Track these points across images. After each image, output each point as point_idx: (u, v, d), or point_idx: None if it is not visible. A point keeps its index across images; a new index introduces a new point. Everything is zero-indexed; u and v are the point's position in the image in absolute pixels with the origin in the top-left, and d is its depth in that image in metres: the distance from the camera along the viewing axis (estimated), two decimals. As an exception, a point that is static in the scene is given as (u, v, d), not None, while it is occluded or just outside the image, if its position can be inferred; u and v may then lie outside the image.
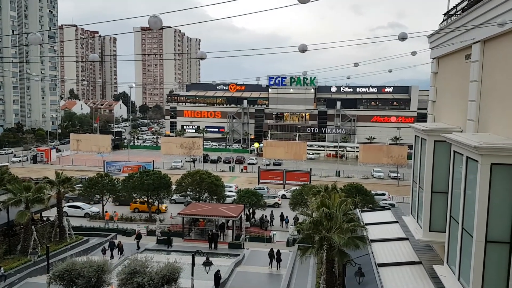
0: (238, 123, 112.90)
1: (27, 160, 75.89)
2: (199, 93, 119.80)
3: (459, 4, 14.19)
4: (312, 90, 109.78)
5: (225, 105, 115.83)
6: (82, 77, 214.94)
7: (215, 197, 40.36)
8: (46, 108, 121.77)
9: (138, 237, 30.83)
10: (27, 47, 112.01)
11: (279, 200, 48.23)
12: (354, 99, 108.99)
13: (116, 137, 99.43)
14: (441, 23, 15.59)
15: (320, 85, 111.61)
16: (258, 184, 55.70)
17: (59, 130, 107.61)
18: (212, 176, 40.72)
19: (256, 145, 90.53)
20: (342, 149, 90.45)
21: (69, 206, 41.43)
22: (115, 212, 41.06)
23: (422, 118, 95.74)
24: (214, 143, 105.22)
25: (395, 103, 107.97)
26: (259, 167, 61.07)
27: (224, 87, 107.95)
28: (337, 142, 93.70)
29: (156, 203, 40.89)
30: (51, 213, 32.23)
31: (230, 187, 52.06)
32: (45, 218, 31.78)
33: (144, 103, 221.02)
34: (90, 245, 30.11)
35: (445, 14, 15.33)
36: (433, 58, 16.40)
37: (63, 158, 76.46)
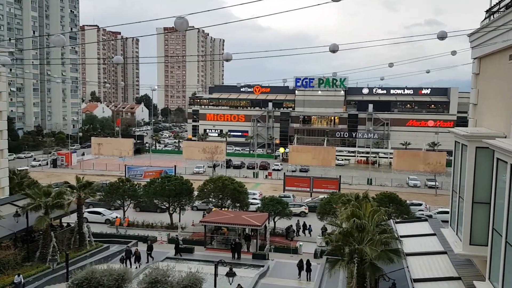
0: (263, 127, 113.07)
1: (47, 164, 78.48)
2: (222, 96, 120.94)
3: (502, 0, 13.83)
4: (342, 92, 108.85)
5: (249, 108, 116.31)
6: (104, 79, 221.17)
7: (238, 204, 40.53)
8: (67, 111, 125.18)
9: (149, 248, 30.30)
10: (48, 48, 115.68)
11: (305, 209, 47.90)
12: (388, 102, 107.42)
13: (138, 141, 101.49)
14: (482, 20, 15.23)
15: (351, 86, 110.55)
16: (284, 192, 55.53)
17: (80, 134, 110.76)
18: (235, 183, 40.93)
19: (281, 150, 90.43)
20: (374, 155, 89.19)
21: (89, 212, 42.52)
22: (125, 218, 41.82)
23: (462, 122, 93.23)
24: (237, 148, 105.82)
25: (432, 106, 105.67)
26: (284, 173, 60.93)
27: (249, 89, 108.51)
28: (369, 147, 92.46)
29: (178, 209, 41.47)
30: (71, 219, 33.15)
31: (254, 194, 52.17)
32: (64, 224, 32.56)
33: (166, 106, 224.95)
34: (110, 253, 30.63)
35: (487, 11, 14.97)
36: (474, 58, 16.01)
37: (84, 163, 78.70)
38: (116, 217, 41.90)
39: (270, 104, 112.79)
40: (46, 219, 26.25)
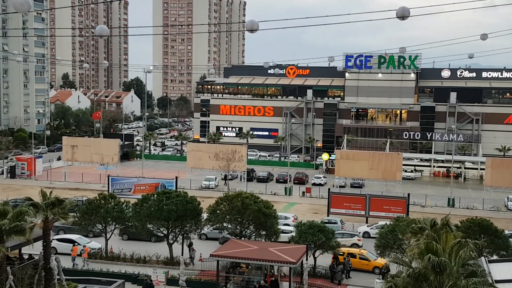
0: (299, 124, 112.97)
1: (2, 173, 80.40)
2: (242, 80, 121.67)
3: None
4: (412, 75, 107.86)
5: (280, 97, 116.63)
6: (81, 57, 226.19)
7: (264, 232, 40.48)
8: (30, 101, 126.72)
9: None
10: (4, 15, 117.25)
11: (359, 240, 47.47)
12: (478, 89, 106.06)
13: (126, 143, 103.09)
14: None
15: (425, 67, 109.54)
16: (328, 215, 55.19)
17: (48, 132, 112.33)
18: (260, 202, 40.90)
19: (325, 156, 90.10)
20: (458, 165, 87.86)
21: (59, 240, 43.29)
22: (84, 246, 42.26)
23: None
24: (262, 154, 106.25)
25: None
26: (329, 189, 60.54)
27: (280, 71, 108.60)
28: (451, 154, 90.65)
29: (180, 238, 41.76)
30: (35, 250, 33.64)
31: (286, 218, 52.12)
32: (26, 256, 33.13)
33: (164, 94, 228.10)
34: (87, 297, 31.01)
35: None
36: None
37: (52, 172, 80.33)
38: (84, 246, 42.38)
39: (310, 91, 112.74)
40: (1, 249, 26.71)
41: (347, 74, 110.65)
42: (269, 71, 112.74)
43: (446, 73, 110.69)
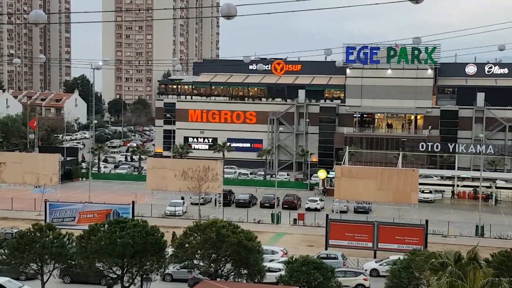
0: (289, 133, 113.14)
1: None
2: (217, 79, 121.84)
3: None
4: (430, 72, 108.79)
5: (264, 99, 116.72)
6: (10, 50, 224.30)
7: (245, 271, 40.23)
8: None
9: None
10: None
11: (365, 279, 47.42)
12: None
13: (68, 159, 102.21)
14: None
15: (445, 61, 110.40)
16: (326, 249, 55.04)
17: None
18: (240, 233, 40.73)
19: (321, 174, 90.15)
20: (488, 184, 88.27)
21: (-18, 284, 42.59)
22: None
23: None
24: (243, 171, 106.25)
25: None
26: (327, 215, 60.50)
27: (264, 67, 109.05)
28: (478, 169, 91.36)
29: (138, 279, 41.38)
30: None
31: (273, 252, 51.94)
32: None
33: (118, 96, 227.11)
34: None
35: None
36: None
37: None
38: None
39: (302, 92, 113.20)
40: None
41: (348, 71, 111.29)
42: (250, 67, 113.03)
43: (471, 69, 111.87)
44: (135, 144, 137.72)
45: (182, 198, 76.32)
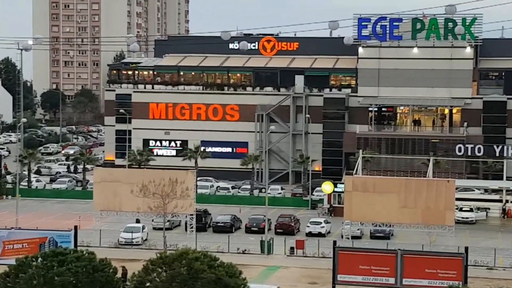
0: (283, 132, 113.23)
1: None
2: (186, 61, 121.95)
3: None
4: (468, 50, 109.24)
5: (250, 88, 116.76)
6: None
7: (226, 318, 40.26)
8: None
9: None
10: None
11: (386, 327, 47.45)
12: None
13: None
14: None
15: (488, 37, 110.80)
16: (334, 287, 55.14)
17: None
18: (220, 266, 40.77)
19: (327, 188, 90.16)
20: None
21: None
22: None
23: None
24: (223, 184, 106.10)
25: None
26: (334, 242, 60.38)
27: (250, 46, 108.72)
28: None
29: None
30: None
31: (263, 293, 51.96)
32: None
33: (54, 86, 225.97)
34: None
35: None
36: None
37: None
38: None
39: (300, 79, 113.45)
40: None
41: (361, 50, 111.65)
42: (231, 46, 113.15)
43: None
44: (72, 151, 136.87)
45: (137, 221, 76.20)
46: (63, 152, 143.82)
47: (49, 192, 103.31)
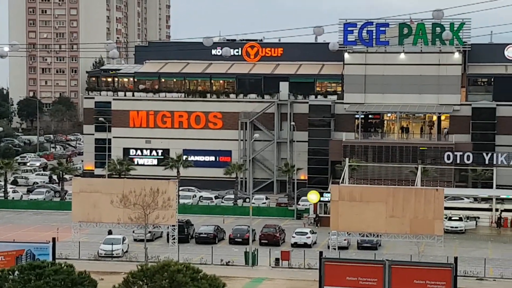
0: (268, 141, 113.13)
1: None
2: (167, 68, 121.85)
3: None
4: (457, 56, 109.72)
5: (233, 95, 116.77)
6: None
7: (209, 332, 40.17)
8: None
9: None
10: None
11: None
12: None
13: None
14: None
15: (476, 42, 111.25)
16: (320, 299, 55.15)
17: None
18: (203, 279, 40.70)
19: (313, 197, 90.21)
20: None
21: None
22: None
23: None
24: (206, 194, 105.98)
25: None
26: (321, 253, 60.42)
27: (233, 52, 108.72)
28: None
29: None
30: None
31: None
32: None
33: (31, 94, 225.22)
34: None
35: None
36: None
37: None
38: None
39: (285, 85, 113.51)
40: None
41: (347, 56, 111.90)
42: (213, 52, 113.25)
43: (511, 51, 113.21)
44: (38, 163, 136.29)
45: (109, 233, 75.93)
46: (42, 162, 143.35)
47: (26, 203, 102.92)
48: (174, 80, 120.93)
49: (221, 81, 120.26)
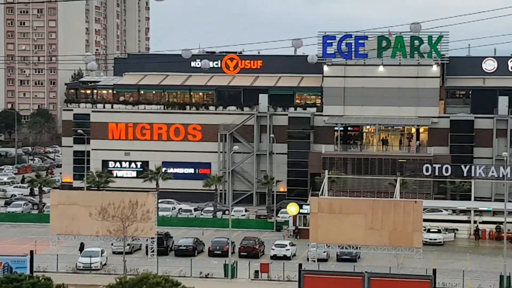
0: (247, 153, 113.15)
1: None
2: (147, 80, 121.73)
3: None
4: (435, 69, 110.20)
5: (212, 107, 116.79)
6: None
7: None
8: None
9: None
10: None
11: None
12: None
13: None
14: None
15: (456, 55, 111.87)
16: (300, 312, 55.03)
17: None
18: (182, 291, 40.60)
19: (292, 209, 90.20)
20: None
21: None
22: None
23: None
24: (185, 206, 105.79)
25: None
26: (300, 265, 60.45)
27: (212, 64, 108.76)
28: (503, 200, 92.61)
29: None
30: None
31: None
32: None
33: (9, 106, 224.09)
34: None
35: None
36: None
37: None
38: None
39: (264, 98, 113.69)
40: None
41: (326, 68, 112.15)
42: (193, 64, 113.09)
43: (490, 65, 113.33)
44: (5, 178, 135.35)
45: (82, 245, 75.40)
46: (20, 175, 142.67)
47: (4, 215, 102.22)
48: (154, 92, 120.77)
49: (200, 93, 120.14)
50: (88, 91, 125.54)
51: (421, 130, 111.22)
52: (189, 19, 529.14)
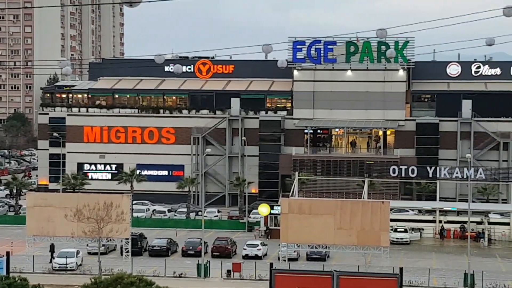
0: (219, 155, 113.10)
1: None
2: (121, 84, 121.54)
3: None
4: (401, 73, 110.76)
5: (185, 111, 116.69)
6: None
7: None
8: None
9: None
10: None
11: None
12: (507, 95, 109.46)
13: None
14: None
15: (421, 60, 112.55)
16: (271, 310, 55.03)
17: None
18: (156, 291, 40.51)
19: (263, 210, 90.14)
20: (478, 219, 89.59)
21: None
22: None
23: None
24: (159, 207, 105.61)
25: None
26: (271, 265, 60.38)
27: (185, 68, 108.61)
28: (466, 200, 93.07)
29: None
30: None
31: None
32: None
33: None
34: None
35: None
36: None
37: None
38: None
39: (236, 101, 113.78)
40: None
41: (296, 73, 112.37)
42: (166, 69, 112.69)
43: (454, 69, 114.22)
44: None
45: (52, 246, 74.81)
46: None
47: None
48: (128, 96, 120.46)
49: (173, 97, 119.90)
50: (64, 95, 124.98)
51: (388, 132, 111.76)
52: (162, 25, 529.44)
